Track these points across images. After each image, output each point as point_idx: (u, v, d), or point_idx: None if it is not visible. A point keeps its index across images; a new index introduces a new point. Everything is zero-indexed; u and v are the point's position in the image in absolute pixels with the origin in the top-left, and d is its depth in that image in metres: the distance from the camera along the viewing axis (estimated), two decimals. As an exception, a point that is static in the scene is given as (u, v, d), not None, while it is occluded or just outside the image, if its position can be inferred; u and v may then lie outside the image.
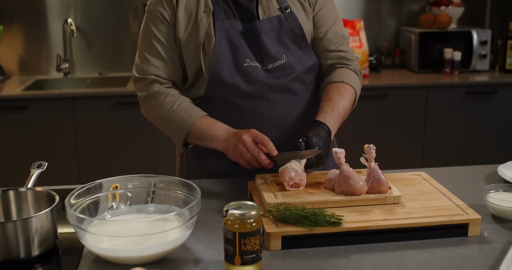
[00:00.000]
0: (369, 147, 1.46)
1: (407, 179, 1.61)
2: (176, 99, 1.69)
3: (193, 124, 1.65)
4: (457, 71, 3.71)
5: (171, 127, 1.70)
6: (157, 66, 1.71)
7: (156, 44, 1.71)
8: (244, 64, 1.69)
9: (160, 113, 1.70)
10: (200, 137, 1.65)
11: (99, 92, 3.39)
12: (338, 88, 1.72)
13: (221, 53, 1.68)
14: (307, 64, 1.76)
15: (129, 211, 1.42)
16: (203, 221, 1.46)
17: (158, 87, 1.71)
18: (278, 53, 1.71)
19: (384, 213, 1.38)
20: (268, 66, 1.71)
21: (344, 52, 1.81)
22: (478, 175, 1.77)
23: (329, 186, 1.49)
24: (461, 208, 1.40)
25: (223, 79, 1.68)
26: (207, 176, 1.81)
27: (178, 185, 1.41)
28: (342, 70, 1.78)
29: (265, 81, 1.70)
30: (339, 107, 1.68)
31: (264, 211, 1.38)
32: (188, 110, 1.67)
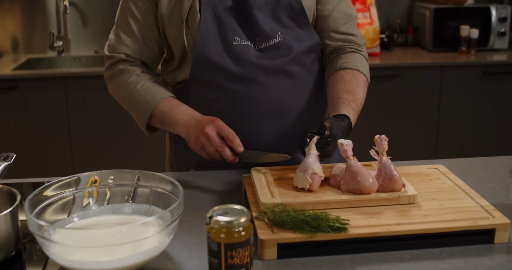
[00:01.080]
0: (380, 138, 1.27)
1: (423, 174, 1.42)
2: (140, 79, 1.54)
3: (155, 106, 1.51)
4: (474, 50, 3.49)
5: (134, 108, 1.57)
6: (127, 44, 1.57)
7: (131, 21, 1.56)
8: (234, 43, 1.50)
9: (123, 92, 1.57)
10: (162, 121, 1.53)
11: (92, 71, 3.21)
12: (357, 79, 1.54)
13: (207, 31, 1.49)
14: (306, 44, 1.56)
15: (102, 212, 1.24)
16: (189, 222, 1.28)
17: (123, 65, 1.57)
18: (273, 30, 1.51)
19: (397, 215, 1.19)
20: (261, 45, 1.52)
21: (354, 36, 1.62)
22: (502, 168, 1.57)
23: (334, 183, 1.30)
24: (486, 210, 1.21)
25: (209, 59, 1.50)
26: (194, 167, 1.63)
27: (158, 182, 1.23)
28: (355, 56, 1.59)
29: (257, 62, 1.51)
30: (360, 102, 1.52)
31: (258, 212, 1.20)
32: (152, 91, 1.53)
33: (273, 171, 1.39)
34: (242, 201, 1.36)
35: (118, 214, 1.24)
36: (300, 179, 1.28)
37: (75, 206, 1.23)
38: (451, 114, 3.42)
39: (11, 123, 3.18)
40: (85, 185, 1.25)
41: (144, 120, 1.54)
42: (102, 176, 1.26)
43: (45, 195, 1.18)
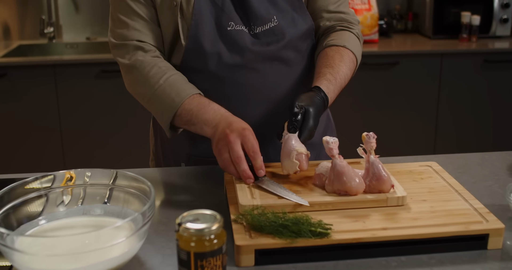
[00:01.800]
0: (368, 136, 1.19)
1: (414, 172, 1.34)
2: (164, 72, 1.40)
3: (181, 104, 1.36)
4: (475, 37, 3.39)
5: (156, 106, 1.41)
6: (138, 28, 1.43)
7: (131, 3, 1.43)
8: (228, 28, 1.42)
9: (144, 88, 1.42)
10: (189, 121, 1.36)
11: (82, 59, 3.13)
12: (340, 54, 1.46)
13: (201, 15, 1.41)
14: (301, 28, 1.48)
15: (72, 214, 1.16)
16: (165, 223, 1.21)
17: (142, 55, 1.42)
18: (269, 14, 1.44)
19: (385, 219, 1.12)
20: (256, 30, 1.44)
21: (345, 14, 1.54)
22: (499, 165, 1.49)
23: (318, 182, 1.22)
24: (479, 213, 1.14)
25: (203, 46, 1.41)
26: (185, 160, 1.55)
27: (131, 181, 1.16)
28: (343, 33, 1.52)
29: (252, 49, 1.43)
30: (341, 76, 1.42)
31: (236, 215, 1.12)
32: (177, 86, 1.38)
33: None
34: (223, 201, 1.29)
35: (88, 216, 1.17)
36: (287, 164, 1.22)
37: (47, 207, 1.16)
38: (450, 104, 3.33)
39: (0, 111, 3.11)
40: (59, 184, 1.18)
41: (167, 119, 1.39)
42: (78, 174, 1.20)
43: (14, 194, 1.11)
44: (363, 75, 3.20)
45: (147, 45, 1.44)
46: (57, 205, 1.18)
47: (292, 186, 1.23)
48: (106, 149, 3.19)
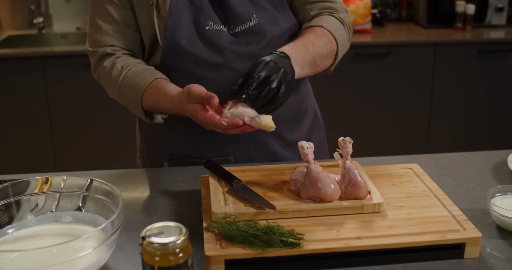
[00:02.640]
0: (344, 141, 1.16)
1: (395, 175, 1.31)
2: (120, 72, 1.42)
3: (141, 101, 1.39)
4: (470, 26, 3.34)
5: (128, 106, 1.45)
6: (110, 33, 1.44)
7: (108, 6, 1.43)
8: (206, 28, 1.40)
9: (112, 91, 1.46)
10: (159, 112, 1.41)
11: (71, 50, 3.09)
12: (313, 30, 1.42)
13: (179, 14, 1.38)
14: (283, 27, 1.45)
15: (42, 221, 1.14)
16: (138, 229, 1.19)
17: (107, 61, 1.44)
18: (248, 12, 1.40)
19: (360, 227, 1.09)
20: (235, 29, 1.41)
21: (329, 2, 1.50)
22: (484, 166, 1.47)
23: (294, 188, 1.20)
24: (457, 221, 1.11)
25: (181, 45, 1.39)
26: (168, 160, 1.53)
27: (102, 189, 1.13)
28: (323, 16, 1.48)
29: (231, 48, 1.40)
30: (304, 41, 1.36)
31: (208, 223, 1.10)
32: (132, 83, 1.40)
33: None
34: (199, 205, 1.27)
35: (59, 223, 1.15)
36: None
37: (19, 213, 1.14)
38: (444, 94, 3.29)
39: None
40: (34, 189, 1.16)
41: (142, 116, 1.41)
42: (54, 179, 1.18)
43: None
44: (355, 65, 3.16)
45: (117, 50, 1.43)
46: (29, 211, 1.16)
47: (267, 192, 1.20)
48: (95, 140, 3.17)
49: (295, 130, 1.54)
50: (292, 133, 1.54)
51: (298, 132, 1.55)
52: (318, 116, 1.68)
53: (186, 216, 1.24)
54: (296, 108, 1.54)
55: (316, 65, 1.38)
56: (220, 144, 1.47)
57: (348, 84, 3.20)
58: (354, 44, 3.15)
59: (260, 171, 1.31)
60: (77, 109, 3.13)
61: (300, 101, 1.56)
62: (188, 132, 1.48)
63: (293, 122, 1.54)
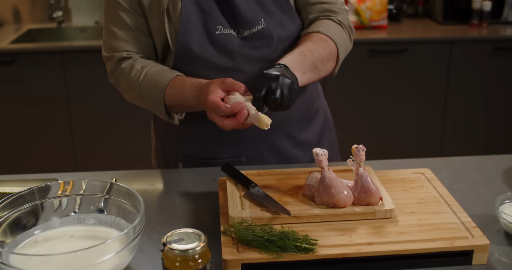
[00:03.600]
0: (357, 149, 1.20)
1: (406, 180, 1.35)
2: (141, 72, 1.46)
3: (163, 97, 1.42)
4: (486, 23, 3.34)
5: (148, 105, 1.48)
6: (125, 39, 1.48)
7: (121, 13, 1.47)
8: (216, 32, 1.43)
9: (131, 92, 1.49)
10: (183, 108, 1.45)
11: (90, 45, 3.13)
12: (310, 37, 1.44)
13: (189, 20, 1.42)
14: (289, 29, 1.48)
15: (67, 223, 1.20)
16: (158, 231, 1.24)
17: (125, 63, 1.48)
18: (256, 16, 1.44)
19: (371, 233, 1.13)
20: (244, 33, 1.45)
21: (328, 4, 1.52)
22: (494, 170, 1.50)
23: (308, 193, 1.24)
24: (466, 227, 1.15)
25: (192, 50, 1.43)
26: (182, 161, 1.58)
27: (124, 193, 1.18)
28: (321, 21, 1.50)
29: (240, 52, 1.44)
30: (301, 49, 1.39)
31: (225, 227, 1.15)
32: (154, 79, 1.43)
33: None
34: (217, 207, 1.31)
35: (83, 225, 1.20)
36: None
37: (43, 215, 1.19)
38: (459, 92, 3.29)
39: (8, 98, 3.14)
40: (56, 192, 1.21)
41: (162, 114, 1.45)
42: (76, 182, 1.22)
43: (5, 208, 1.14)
44: (370, 62, 3.18)
45: (132, 54, 1.48)
46: (54, 213, 1.21)
47: (283, 197, 1.24)
48: (114, 135, 3.22)
49: (306, 130, 1.58)
50: (302, 133, 1.58)
51: (308, 132, 1.59)
52: (329, 116, 1.72)
53: (203, 218, 1.28)
54: (306, 109, 1.58)
55: (318, 68, 1.41)
56: (232, 145, 1.51)
57: (362, 80, 3.22)
58: (369, 40, 3.17)
59: (275, 175, 1.35)
60: (97, 105, 3.17)
61: (310, 102, 1.59)
62: (201, 133, 1.52)
63: (303, 122, 1.58)
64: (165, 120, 1.47)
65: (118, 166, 3.20)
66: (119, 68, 1.48)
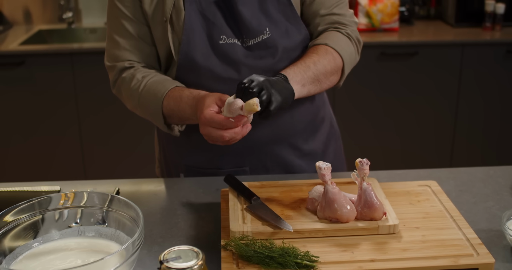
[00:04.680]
0: (361, 163, 1.18)
1: (412, 193, 1.33)
2: (140, 81, 1.44)
3: (161, 107, 1.40)
4: (499, 26, 3.29)
5: (147, 115, 1.47)
6: (127, 48, 1.47)
7: (124, 22, 1.46)
8: (220, 42, 1.41)
9: (132, 101, 1.48)
10: (180, 120, 1.42)
11: (100, 47, 3.13)
12: (316, 49, 1.43)
13: (192, 29, 1.40)
14: (295, 39, 1.46)
15: (67, 235, 1.19)
16: (159, 243, 1.23)
17: (126, 73, 1.47)
18: (260, 26, 1.42)
19: (374, 249, 1.11)
20: (249, 43, 1.43)
21: (338, 16, 1.50)
22: (503, 182, 1.47)
23: (311, 207, 1.22)
24: (471, 244, 1.12)
25: (196, 60, 1.41)
26: (184, 171, 1.57)
27: (120, 206, 1.17)
28: (329, 33, 1.48)
29: (245, 62, 1.42)
30: (305, 60, 1.38)
31: (226, 241, 1.13)
32: (154, 89, 1.42)
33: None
34: (219, 218, 1.30)
35: (83, 237, 1.19)
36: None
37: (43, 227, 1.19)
38: (471, 96, 3.24)
39: (17, 100, 3.14)
40: (56, 204, 1.20)
41: (161, 124, 1.43)
42: (77, 194, 1.22)
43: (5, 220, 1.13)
44: (381, 65, 3.15)
45: (134, 64, 1.47)
46: (54, 223, 1.20)
47: (285, 210, 1.23)
48: (122, 135, 3.22)
49: (311, 140, 1.56)
50: (308, 144, 1.55)
51: (314, 142, 1.57)
52: (334, 125, 1.69)
53: (205, 230, 1.27)
54: (312, 119, 1.56)
55: (320, 81, 1.39)
56: (236, 155, 1.50)
57: (372, 84, 3.19)
58: (380, 43, 3.14)
59: (279, 187, 1.33)
60: (106, 107, 3.17)
61: (316, 112, 1.57)
62: (204, 143, 1.50)
63: (308, 133, 1.56)
64: (164, 131, 1.46)
65: (126, 166, 3.20)
66: (120, 78, 1.47)
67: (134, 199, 1.43)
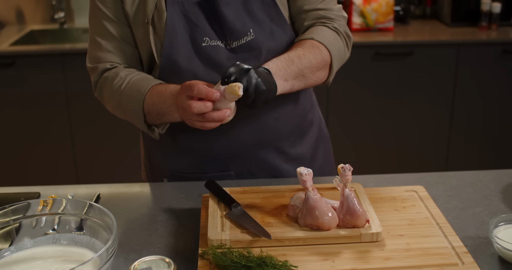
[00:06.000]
0: (343, 169, 1.14)
1: (398, 199, 1.29)
2: (124, 79, 1.40)
3: (143, 101, 1.35)
4: (495, 26, 3.25)
5: (128, 113, 1.41)
6: (109, 50, 1.43)
7: (106, 23, 1.42)
8: (203, 44, 1.38)
9: (112, 100, 1.43)
10: (160, 115, 1.35)
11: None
12: (301, 43, 1.38)
13: (175, 31, 1.37)
14: (281, 41, 1.42)
15: (41, 243, 1.15)
16: (136, 251, 1.20)
17: (109, 73, 1.43)
18: (244, 27, 1.38)
19: (356, 258, 1.08)
20: (232, 45, 1.39)
21: (324, 10, 1.45)
22: (493, 187, 1.43)
23: (292, 214, 1.19)
24: (456, 253, 1.09)
25: (178, 63, 1.38)
26: (168, 176, 1.53)
27: (96, 213, 1.14)
28: (316, 28, 1.44)
29: (228, 65, 1.38)
30: (289, 54, 1.33)
31: (203, 250, 1.10)
32: (137, 85, 1.37)
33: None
34: (199, 225, 1.26)
35: (58, 245, 1.15)
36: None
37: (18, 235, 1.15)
38: (466, 97, 3.20)
39: (7, 101, 3.11)
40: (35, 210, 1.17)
41: (141, 123, 1.38)
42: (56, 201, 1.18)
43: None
44: (375, 65, 3.11)
45: (116, 65, 1.43)
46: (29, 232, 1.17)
47: (266, 217, 1.19)
48: (114, 137, 3.18)
49: (299, 145, 1.53)
50: (295, 148, 1.52)
51: (302, 146, 1.53)
52: (323, 128, 1.65)
53: (185, 237, 1.23)
54: (299, 122, 1.52)
55: (305, 76, 1.34)
56: (220, 160, 1.46)
57: (367, 84, 3.15)
58: (375, 43, 3.10)
59: (261, 193, 1.30)
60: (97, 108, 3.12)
61: (303, 115, 1.53)
62: (188, 148, 1.47)
63: (296, 137, 1.52)
64: (144, 130, 1.41)
65: (120, 169, 3.17)
66: (102, 78, 1.43)
67: (115, 204, 1.41)
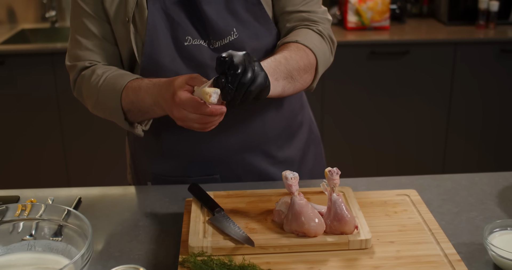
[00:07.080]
0: (330, 172, 1.09)
1: (389, 203, 1.24)
2: (101, 76, 1.34)
3: (120, 99, 1.30)
4: (493, 24, 3.20)
5: (107, 111, 1.36)
6: (89, 48, 1.37)
7: (85, 20, 1.37)
8: (185, 43, 1.33)
9: (90, 99, 1.38)
10: (141, 112, 1.30)
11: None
12: (287, 46, 1.32)
13: (156, 30, 1.32)
14: (265, 41, 1.37)
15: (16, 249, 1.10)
16: (116, 258, 1.15)
17: (86, 71, 1.38)
18: (227, 26, 1.33)
19: (343, 266, 1.03)
20: (216, 44, 1.34)
21: (308, 13, 1.40)
22: (489, 190, 1.38)
23: (277, 219, 1.14)
24: (449, 261, 1.04)
25: (160, 63, 1.33)
26: (152, 180, 1.48)
27: (72, 219, 1.09)
28: (299, 30, 1.38)
29: (212, 64, 1.33)
30: (276, 57, 1.26)
31: (183, 258, 1.05)
32: (113, 82, 1.32)
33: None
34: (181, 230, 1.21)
35: (32, 252, 1.11)
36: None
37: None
38: (464, 96, 3.15)
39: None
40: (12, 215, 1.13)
41: (121, 121, 1.33)
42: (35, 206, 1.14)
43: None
44: (371, 64, 3.06)
45: (96, 63, 1.38)
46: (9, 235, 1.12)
47: (250, 223, 1.14)
48: (106, 138, 3.13)
49: (287, 147, 1.47)
50: (283, 151, 1.46)
51: (290, 149, 1.48)
52: (314, 129, 1.60)
53: (166, 244, 1.18)
54: (288, 124, 1.47)
55: (293, 78, 1.27)
56: (204, 163, 1.41)
57: (363, 83, 3.10)
58: (371, 42, 3.05)
59: (246, 197, 1.25)
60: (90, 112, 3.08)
61: (292, 117, 1.48)
62: (173, 150, 1.42)
63: (283, 140, 1.46)
64: (126, 128, 1.36)
65: (112, 169, 3.11)
66: (79, 76, 1.38)
67: (97, 208, 1.36)
